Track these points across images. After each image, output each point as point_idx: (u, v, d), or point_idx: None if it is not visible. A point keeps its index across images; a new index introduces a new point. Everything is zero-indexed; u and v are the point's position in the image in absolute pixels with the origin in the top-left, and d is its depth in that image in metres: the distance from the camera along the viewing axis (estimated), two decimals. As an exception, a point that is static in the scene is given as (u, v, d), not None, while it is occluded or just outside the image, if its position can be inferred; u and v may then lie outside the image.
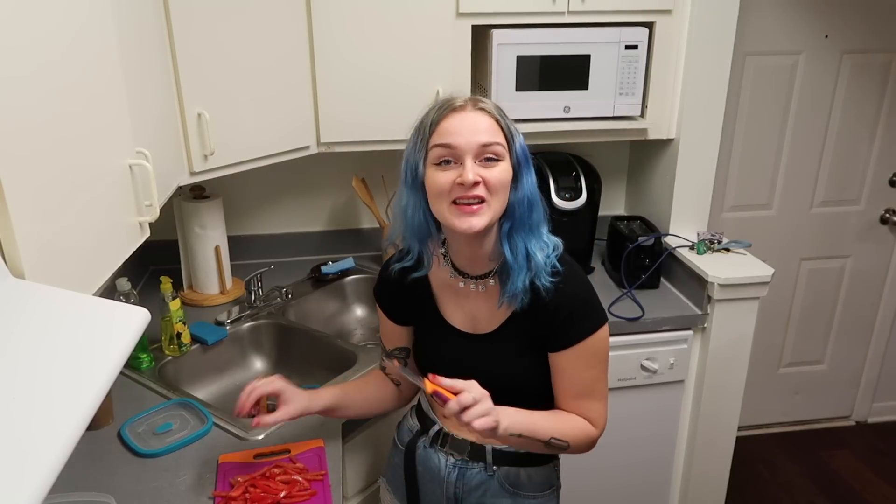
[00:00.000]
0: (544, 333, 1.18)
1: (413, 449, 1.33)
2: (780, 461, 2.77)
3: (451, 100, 1.12)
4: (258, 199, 2.25)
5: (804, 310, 2.75)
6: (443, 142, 1.08)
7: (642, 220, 2.21)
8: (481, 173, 1.07)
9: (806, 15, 2.32)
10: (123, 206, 1.07)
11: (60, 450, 0.60)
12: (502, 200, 1.10)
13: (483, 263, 1.19)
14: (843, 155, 2.54)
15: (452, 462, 1.28)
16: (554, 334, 1.17)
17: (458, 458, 1.28)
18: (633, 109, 1.99)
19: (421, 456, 1.33)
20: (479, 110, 1.10)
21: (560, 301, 1.15)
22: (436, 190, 1.09)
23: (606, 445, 2.05)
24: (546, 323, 1.16)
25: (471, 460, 1.27)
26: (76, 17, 0.93)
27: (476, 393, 1.05)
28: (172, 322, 1.68)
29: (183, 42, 1.51)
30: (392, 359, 1.33)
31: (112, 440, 1.40)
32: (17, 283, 0.75)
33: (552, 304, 1.15)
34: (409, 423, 1.37)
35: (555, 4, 1.84)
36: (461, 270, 1.21)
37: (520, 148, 1.12)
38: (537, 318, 1.17)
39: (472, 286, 1.21)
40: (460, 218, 1.07)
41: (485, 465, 1.26)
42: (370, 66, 1.82)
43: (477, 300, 1.22)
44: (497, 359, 1.21)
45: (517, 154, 1.11)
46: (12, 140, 0.75)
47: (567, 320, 1.15)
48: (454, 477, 1.28)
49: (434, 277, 1.26)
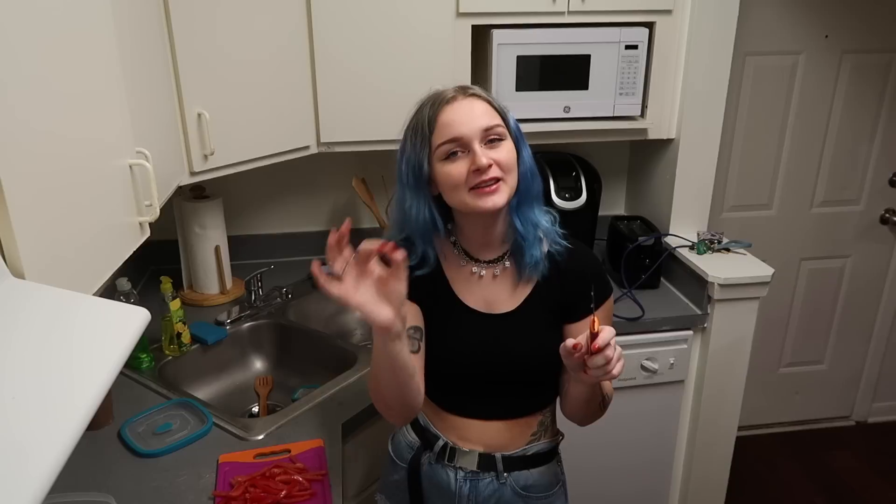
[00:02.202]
0: (569, 301, 1.20)
1: (417, 466, 1.29)
2: (780, 461, 2.77)
3: (440, 93, 1.14)
4: (258, 199, 2.25)
5: (804, 310, 2.75)
6: (448, 137, 1.10)
7: (642, 220, 2.21)
8: (491, 155, 1.09)
9: (806, 15, 2.32)
10: (123, 206, 1.07)
11: (60, 450, 0.60)
12: (515, 176, 1.13)
13: (496, 246, 1.21)
14: (843, 155, 2.54)
15: (462, 475, 1.25)
16: (582, 298, 1.17)
17: (467, 471, 1.25)
18: (633, 109, 1.99)
19: (427, 473, 1.29)
20: (471, 97, 1.13)
21: (582, 266, 1.22)
22: (451, 183, 1.10)
23: (606, 445, 2.07)
24: (572, 291, 1.20)
25: (481, 471, 1.24)
26: (76, 16, 0.93)
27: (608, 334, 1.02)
28: (172, 322, 1.68)
29: (183, 42, 1.51)
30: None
31: (112, 440, 1.40)
32: (17, 283, 0.75)
33: (575, 269, 1.20)
34: (406, 438, 1.33)
35: (555, 4, 1.84)
36: (474, 257, 1.22)
37: (514, 123, 1.16)
38: (562, 287, 1.20)
39: (485, 271, 1.22)
40: (483, 199, 1.09)
41: (496, 474, 1.24)
42: (370, 66, 1.82)
43: (492, 284, 1.22)
44: (523, 336, 1.21)
45: (513, 130, 1.15)
46: (12, 140, 0.75)
47: (594, 281, 1.18)
48: (466, 490, 1.25)
49: (448, 268, 1.24)
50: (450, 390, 1.25)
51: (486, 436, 1.24)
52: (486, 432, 1.24)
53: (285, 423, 1.46)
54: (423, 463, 1.29)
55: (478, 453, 1.24)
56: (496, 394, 1.23)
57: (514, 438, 1.25)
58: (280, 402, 1.74)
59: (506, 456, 1.24)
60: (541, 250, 1.18)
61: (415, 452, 1.30)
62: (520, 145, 1.15)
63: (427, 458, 1.29)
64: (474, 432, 1.24)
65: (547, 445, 1.28)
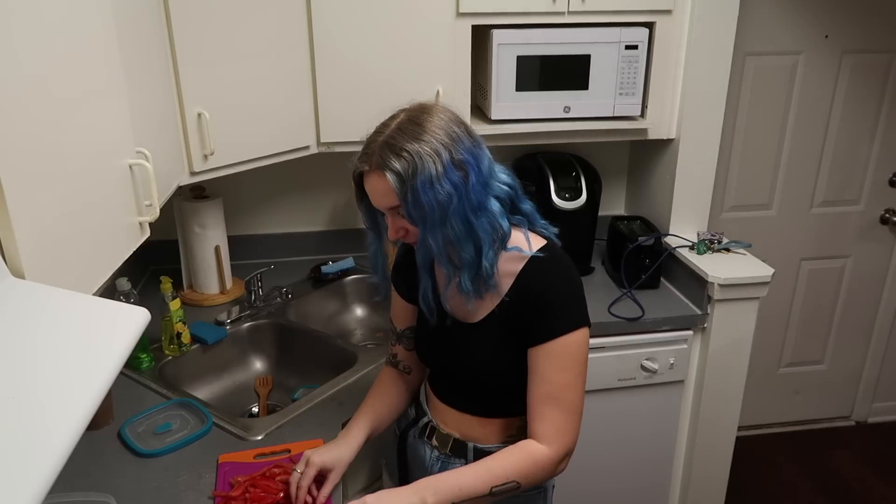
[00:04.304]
0: (528, 322, 1.15)
1: (405, 436, 1.38)
2: (780, 461, 2.77)
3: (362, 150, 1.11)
4: (258, 199, 2.25)
5: (804, 310, 2.75)
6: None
7: (642, 220, 2.21)
8: (397, 221, 1.13)
9: (806, 15, 2.32)
10: (123, 206, 1.07)
11: (60, 450, 0.60)
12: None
13: None
14: (843, 155, 2.54)
15: (436, 455, 1.30)
16: (536, 322, 1.14)
17: (441, 452, 1.30)
18: (633, 109, 1.99)
19: (411, 445, 1.36)
20: (375, 173, 1.07)
21: (547, 286, 1.14)
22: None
23: (606, 445, 2.07)
24: (530, 308, 1.14)
25: (453, 455, 1.28)
26: (77, 17, 0.93)
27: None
28: (172, 322, 1.68)
29: (183, 42, 1.51)
30: (401, 341, 1.36)
31: (112, 440, 1.40)
32: (17, 282, 0.75)
33: (538, 288, 1.14)
34: (409, 412, 1.40)
35: (555, 4, 1.84)
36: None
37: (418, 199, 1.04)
38: (526, 306, 1.15)
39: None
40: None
41: (465, 462, 1.26)
42: (370, 66, 1.82)
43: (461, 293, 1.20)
44: (480, 348, 1.21)
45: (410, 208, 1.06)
46: (12, 140, 0.75)
47: (548, 309, 1.13)
48: (437, 469, 1.28)
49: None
50: (435, 377, 1.35)
51: (462, 426, 1.28)
52: (461, 422, 1.28)
53: (285, 423, 1.46)
54: (409, 435, 1.37)
55: (453, 438, 1.29)
56: (467, 393, 1.27)
57: (489, 435, 1.27)
58: (280, 402, 1.75)
59: (478, 447, 1.26)
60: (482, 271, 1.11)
61: (408, 423, 1.38)
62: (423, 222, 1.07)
63: (413, 432, 1.36)
64: (451, 419, 1.30)
65: None
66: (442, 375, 1.32)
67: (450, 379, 1.30)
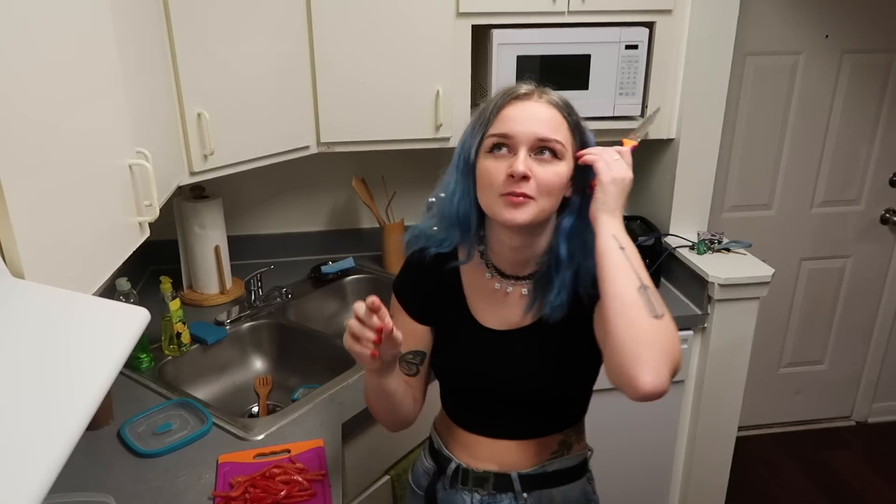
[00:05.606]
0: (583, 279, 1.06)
1: (433, 493, 1.23)
2: (780, 461, 2.77)
3: (517, 86, 1.05)
4: (258, 199, 2.25)
5: (804, 310, 2.75)
6: (499, 130, 1.01)
7: (642, 220, 2.21)
8: (534, 169, 0.99)
9: (806, 15, 2.32)
10: (123, 206, 1.07)
11: (60, 450, 0.60)
12: (552, 202, 1.02)
13: (526, 265, 1.11)
14: (843, 155, 2.54)
15: (479, 499, 1.17)
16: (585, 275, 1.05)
17: (483, 494, 1.16)
18: (633, 109, 1.99)
19: (442, 499, 1.21)
20: (544, 101, 1.03)
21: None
22: (486, 180, 1.02)
23: (606, 445, 2.06)
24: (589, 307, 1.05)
25: (497, 492, 1.16)
26: (76, 17, 0.93)
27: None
28: (172, 322, 1.68)
29: (183, 42, 1.51)
30: (401, 366, 1.18)
31: (112, 440, 1.40)
32: (17, 283, 0.75)
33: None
34: (424, 464, 1.27)
35: (555, 4, 1.84)
36: (500, 270, 1.12)
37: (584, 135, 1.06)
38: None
39: (510, 288, 1.12)
40: (506, 209, 0.99)
41: (514, 495, 1.15)
42: (370, 66, 1.82)
43: (507, 298, 1.13)
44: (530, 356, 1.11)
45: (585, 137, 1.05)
46: (12, 140, 0.75)
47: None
48: None
49: (466, 275, 1.16)
50: (460, 405, 1.20)
51: (499, 454, 1.16)
52: (497, 451, 1.16)
53: (285, 424, 1.46)
54: (438, 489, 1.22)
55: (492, 473, 1.16)
56: (506, 414, 1.15)
57: (530, 458, 1.16)
58: (280, 402, 1.74)
59: (523, 475, 1.15)
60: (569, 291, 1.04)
61: (430, 479, 1.24)
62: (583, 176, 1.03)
63: (442, 484, 1.22)
64: (485, 450, 1.17)
65: (571, 461, 1.18)
66: (472, 399, 1.17)
67: (484, 399, 1.15)
